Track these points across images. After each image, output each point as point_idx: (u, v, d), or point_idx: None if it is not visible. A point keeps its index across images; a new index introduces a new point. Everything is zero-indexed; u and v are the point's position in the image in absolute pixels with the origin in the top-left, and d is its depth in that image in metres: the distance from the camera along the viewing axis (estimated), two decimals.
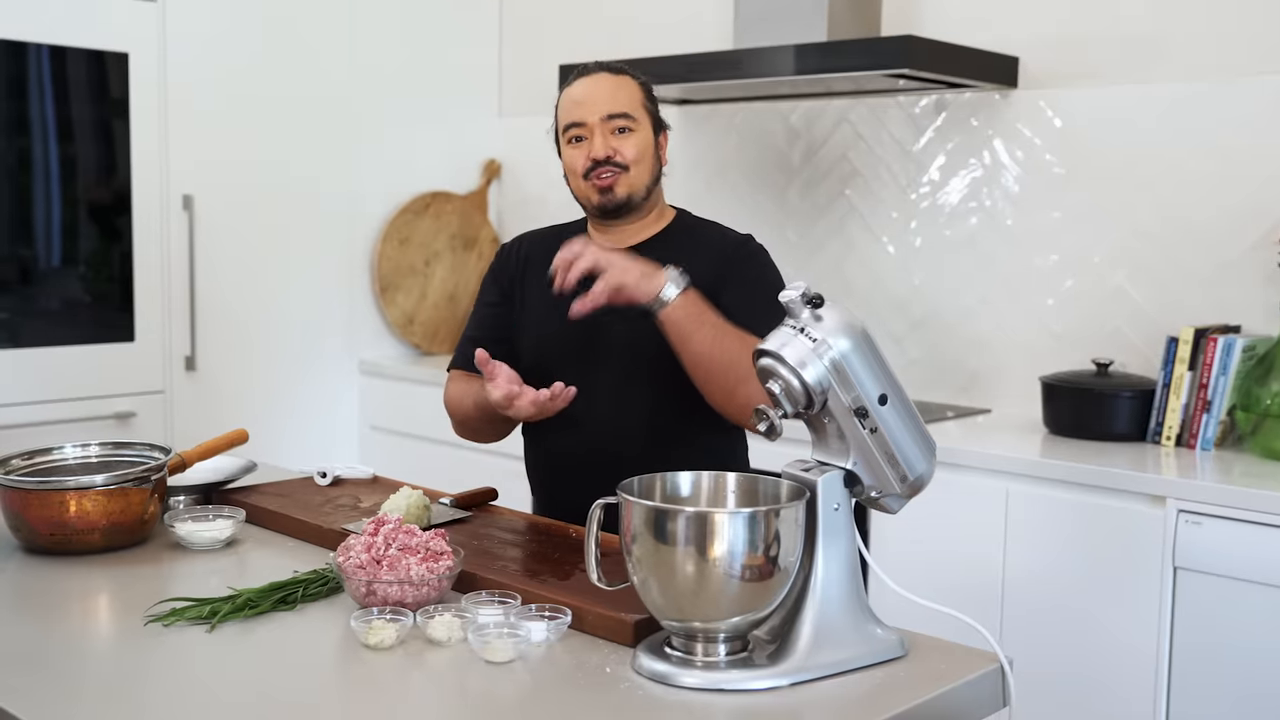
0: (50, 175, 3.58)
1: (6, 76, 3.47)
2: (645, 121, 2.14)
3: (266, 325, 4.04)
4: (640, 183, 2.12)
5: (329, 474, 2.33)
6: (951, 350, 3.54)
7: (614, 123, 2.10)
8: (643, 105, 2.14)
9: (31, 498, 1.90)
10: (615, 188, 2.10)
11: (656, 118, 2.17)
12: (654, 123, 2.16)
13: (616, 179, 2.10)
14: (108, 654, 1.60)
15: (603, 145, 2.09)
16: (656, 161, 2.16)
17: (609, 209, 2.13)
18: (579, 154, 2.12)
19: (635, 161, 2.10)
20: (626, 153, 2.10)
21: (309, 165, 4.09)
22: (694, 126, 4.05)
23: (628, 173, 2.10)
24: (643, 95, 2.15)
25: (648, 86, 2.18)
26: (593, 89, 2.12)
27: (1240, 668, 2.51)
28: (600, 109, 2.10)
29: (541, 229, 2.33)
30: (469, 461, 3.63)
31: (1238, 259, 3.02)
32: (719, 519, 1.44)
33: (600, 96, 2.11)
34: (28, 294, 3.62)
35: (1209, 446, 2.89)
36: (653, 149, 2.14)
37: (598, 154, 2.09)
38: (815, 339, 1.51)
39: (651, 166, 2.14)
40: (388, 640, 1.54)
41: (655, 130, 2.16)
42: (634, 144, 2.11)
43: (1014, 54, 3.34)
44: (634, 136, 2.11)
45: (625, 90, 2.13)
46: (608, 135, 2.10)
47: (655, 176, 2.16)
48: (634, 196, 2.12)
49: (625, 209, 2.13)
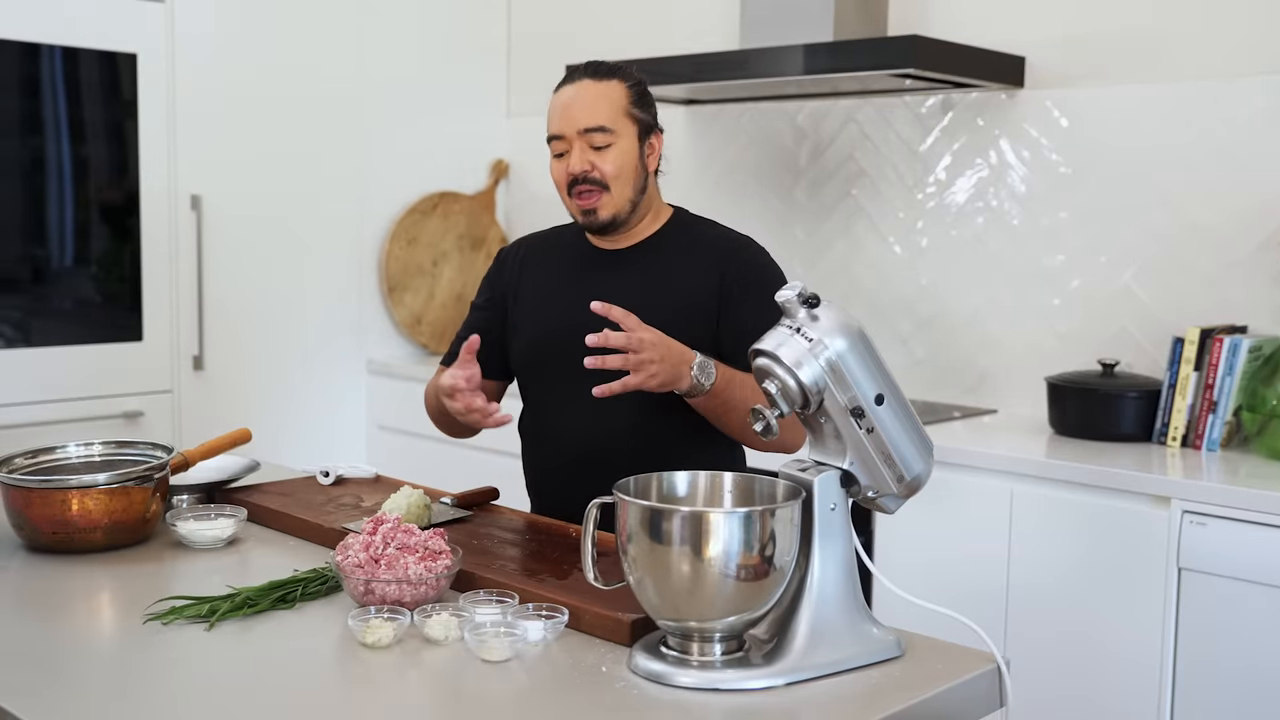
0: (63, 175, 3.60)
1: (20, 77, 3.49)
2: (627, 130, 2.07)
3: (274, 325, 4.05)
4: (623, 199, 2.08)
5: (331, 473, 2.34)
6: (958, 350, 3.54)
7: (591, 137, 2.05)
8: (625, 113, 2.07)
9: (34, 496, 1.91)
10: (599, 210, 2.07)
11: (645, 122, 2.10)
12: (641, 128, 2.09)
13: (598, 198, 2.06)
14: (107, 652, 1.61)
15: (579, 160, 2.05)
16: (642, 170, 2.09)
17: (594, 229, 2.12)
18: (560, 167, 2.09)
19: (614, 177, 2.06)
20: (604, 169, 2.05)
21: (317, 165, 4.10)
22: (701, 126, 4.05)
23: (608, 191, 2.06)
24: (628, 100, 2.08)
25: (638, 88, 2.11)
26: (573, 99, 2.07)
27: (1244, 669, 2.50)
28: (577, 121, 2.05)
29: (541, 231, 2.33)
30: (476, 462, 3.64)
31: (1244, 259, 3.01)
32: (714, 518, 1.44)
33: (579, 108, 2.06)
34: (40, 293, 3.64)
35: (1214, 447, 2.88)
36: (635, 159, 2.08)
37: (574, 169, 2.06)
38: (811, 339, 1.51)
39: (634, 178, 2.08)
40: (385, 639, 1.55)
41: (643, 135, 2.09)
42: (612, 159, 2.05)
43: (1020, 54, 3.34)
44: (612, 150, 2.05)
45: (607, 99, 2.06)
46: (585, 150, 2.05)
47: (640, 187, 2.10)
48: (618, 216, 2.09)
49: (611, 228, 2.11)
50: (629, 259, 2.15)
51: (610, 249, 2.17)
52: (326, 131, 4.12)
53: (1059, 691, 2.74)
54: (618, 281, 2.13)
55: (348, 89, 4.16)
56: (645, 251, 2.15)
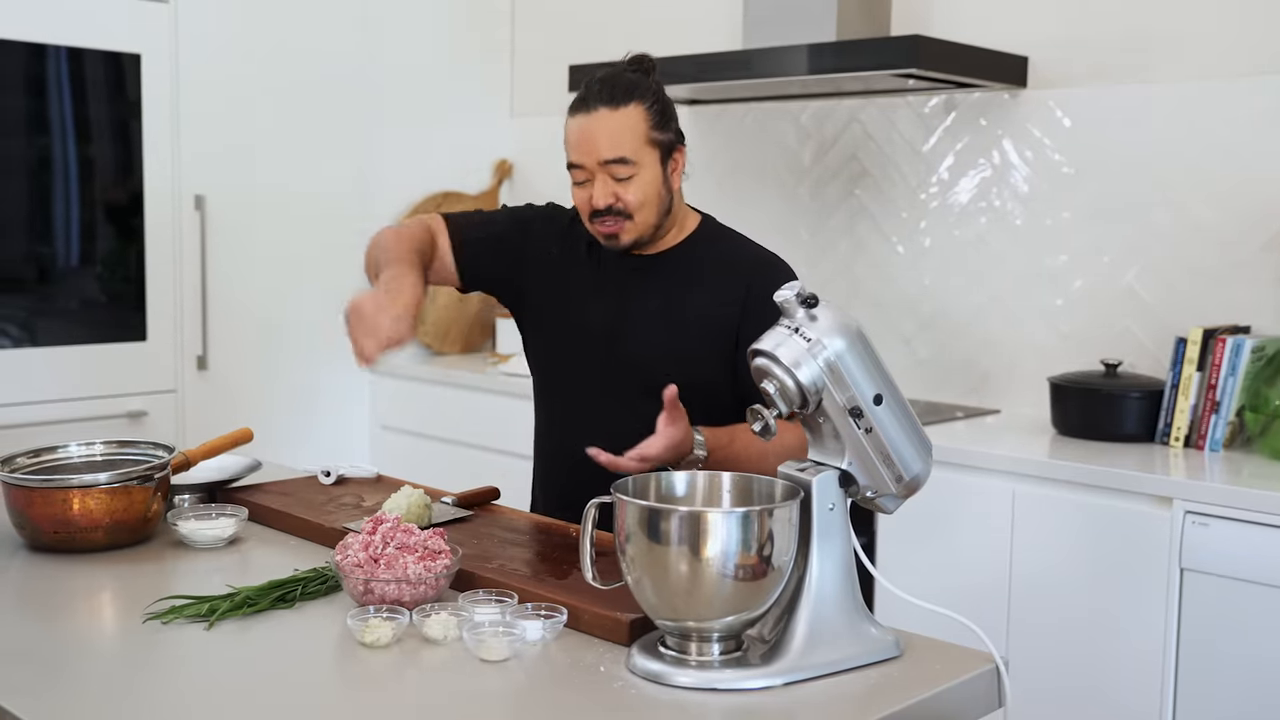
0: (69, 175, 3.61)
1: (27, 77, 3.50)
2: (650, 157, 2.02)
3: (278, 325, 4.06)
4: (647, 225, 2.05)
5: (332, 473, 2.34)
6: (961, 350, 3.54)
7: (612, 169, 2.00)
8: (646, 140, 2.01)
9: (35, 495, 1.91)
10: (621, 235, 2.04)
11: (666, 144, 2.04)
12: (663, 151, 2.03)
13: (620, 227, 2.03)
14: (107, 652, 1.61)
15: (603, 194, 2.01)
16: (667, 193, 2.06)
17: (616, 251, 2.10)
18: (582, 194, 2.05)
19: (638, 207, 2.02)
20: (628, 200, 2.01)
21: (320, 165, 4.11)
22: (704, 127, 4.05)
23: (632, 220, 2.03)
24: (648, 125, 2.01)
25: (657, 106, 2.03)
26: (591, 129, 2.00)
27: (1246, 670, 2.50)
28: (598, 153, 2.00)
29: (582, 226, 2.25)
30: (481, 461, 3.65)
31: (1247, 259, 3.01)
32: (711, 518, 1.44)
33: (599, 139, 2.00)
34: (46, 293, 3.65)
35: (1217, 447, 2.87)
36: (659, 184, 2.03)
37: (598, 204, 2.01)
38: (810, 339, 1.51)
39: (659, 204, 2.05)
40: (384, 638, 1.55)
41: (665, 156, 2.04)
42: (636, 189, 2.01)
43: (1023, 53, 3.33)
44: (636, 181, 2.01)
45: (627, 129, 2.00)
46: (608, 181, 2.01)
47: (664, 210, 2.07)
48: (641, 239, 2.07)
49: (633, 249, 2.09)
50: (655, 266, 2.14)
51: (637, 254, 2.15)
52: (330, 132, 4.12)
53: (1061, 691, 2.74)
54: (642, 288, 2.12)
55: (351, 89, 4.17)
56: (671, 260, 2.13)
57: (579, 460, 2.12)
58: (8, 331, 3.52)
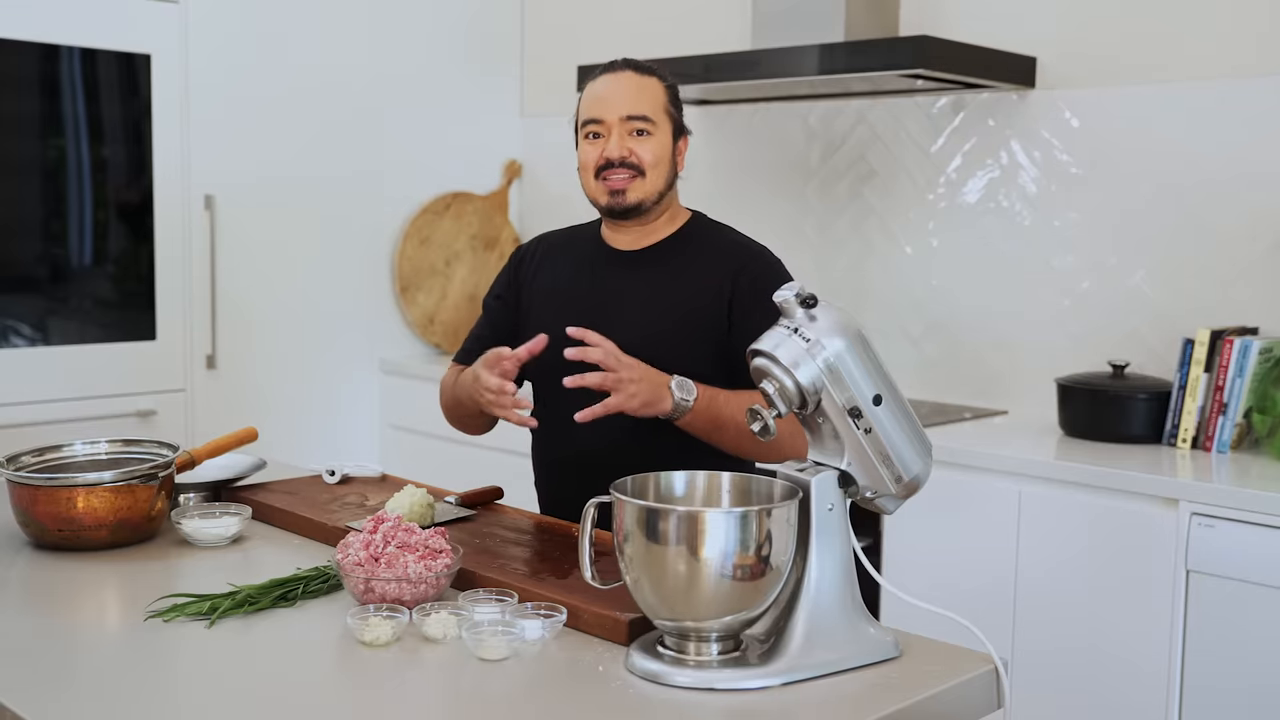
0: (82, 175, 3.63)
1: (40, 78, 3.52)
2: (665, 125, 2.11)
3: (287, 325, 4.07)
4: (654, 188, 2.11)
5: (337, 472, 2.35)
6: (968, 351, 3.53)
7: (633, 124, 2.08)
8: (664, 109, 2.12)
9: (40, 494, 1.92)
10: (628, 192, 2.09)
11: (678, 122, 2.15)
12: (675, 127, 2.14)
13: (630, 183, 2.09)
14: (109, 649, 1.62)
15: (618, 145, 2.08)
16: (673, 166, 2.14)
17: (616, 211, 2.12)
18: (594, 150, 2.11)
19: (651, 166, 2.09)
20: (643, 156, 2.08)
21: (329, 165, 4.12)
22: (712, 127, 4.05)
23: (643, 177, 2.09)
24: (666, 99, 2.13)
25: (674, 89, 2.16)
26: (616, 87, 2.11)
27: (1252, 671, 2.49)
28: (621, 108, 2.08)
29: (559, 230, 2.35)
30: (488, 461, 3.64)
31: (1255, 261, 3.00)
32: (710, 518, 1.45)
33: (623, 96, 2.10)
34: (59, 293, 3.66)
35: (1225, 449, 2.86)
36: (670, 154, 2.12)
37: (612, 154, 2.08)
38: (809, 339, 1.51)
39: (667, 172, 2.12)
40: (383, 637, 1.56)
41: (675, 135, 2.14)
42: (651, 147, 2.09)
43: (1031, 54, 3.33)
44: (652, 140, 2.09)
45: (649, 92, 2.11)
46: (625, 136, 2.08)
47: (669, 182, 2.14)
48: (645, 202, 2.11)
49: (634, 213, 2.12)
50: (644, 260, 2.16)
51: (626, 249, 2.18)
52: (339, 132, 4.13)
53: (1067, 692, 2.73)
54: (632, 281, 2.14)
55: (361, 89, 4.18)
56: (661, 253, 2.16)
57: (573, 458, 2.13)
58: (21, 331, 3.54)
